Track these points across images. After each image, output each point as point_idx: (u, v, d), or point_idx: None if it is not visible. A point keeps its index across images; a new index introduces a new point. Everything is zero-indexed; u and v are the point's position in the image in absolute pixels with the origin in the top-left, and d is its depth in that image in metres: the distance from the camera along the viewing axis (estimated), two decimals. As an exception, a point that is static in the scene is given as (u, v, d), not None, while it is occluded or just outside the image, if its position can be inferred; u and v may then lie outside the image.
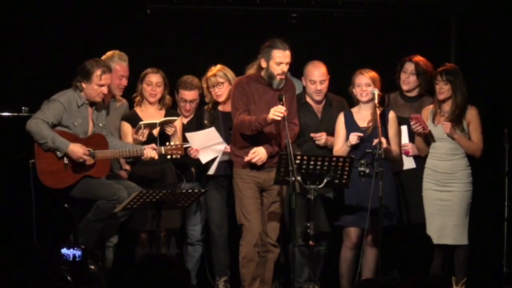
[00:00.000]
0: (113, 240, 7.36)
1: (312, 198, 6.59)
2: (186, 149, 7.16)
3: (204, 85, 7.48)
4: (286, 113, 6.66)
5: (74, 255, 6.69)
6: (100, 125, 7.03)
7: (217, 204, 7.50)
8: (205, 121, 7.48)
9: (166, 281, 3.69)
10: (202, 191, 6.86)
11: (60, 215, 7.10)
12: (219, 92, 7.42)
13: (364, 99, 7.13)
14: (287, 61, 6.93)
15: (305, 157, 6.62)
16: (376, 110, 6.93)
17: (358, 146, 7.06)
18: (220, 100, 7.45)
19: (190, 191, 6.72)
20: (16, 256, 3.97)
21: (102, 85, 6.91)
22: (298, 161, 6.56)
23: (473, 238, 7.14)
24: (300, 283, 7.43)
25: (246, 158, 6.92)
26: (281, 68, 6.91)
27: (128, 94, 7.51)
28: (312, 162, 6.60)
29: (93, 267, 6.92)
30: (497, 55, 8.22)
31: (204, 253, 7.67)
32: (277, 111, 6.65)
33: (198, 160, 7.36)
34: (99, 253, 7.12)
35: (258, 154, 6.93)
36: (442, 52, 8.19)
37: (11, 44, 8.02)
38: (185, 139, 7.34)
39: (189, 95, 7.53)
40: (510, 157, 7.43)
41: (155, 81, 7.38)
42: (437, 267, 7.10)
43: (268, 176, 6.95)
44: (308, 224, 6.58)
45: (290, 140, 6.57)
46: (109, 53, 7.37)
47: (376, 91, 7.02)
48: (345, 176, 6.68)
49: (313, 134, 7.32)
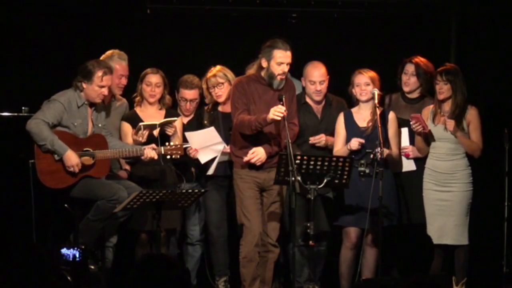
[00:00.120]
0: (113, 240, 7.36)
1: (312, 198, 6.59)
2: (185, 149, 7.16)
3: (204, 86, 7.48)
4: (286, 113, 6.66)
5: (74, 255, 6.69)
6: (100, 125, 7.03)
7: (216, 204, 7.50)
8: (205, 122, 7.49)
9: (166, 281, 3.69)
10: (202, 191, 6.86)
11: (60, 215, 7.10)
12: (219, 92, 7.42)
13: (363, 99, 7.13)
14: (288, 61, 6.93)
15: (305, 157, 6.62)
16: (376, 110, 6.93)
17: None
18: (220, 100, 7.45)
19: (190, 191, 6.72)
20: (16, 256, 3.97)
21: (102, 86, 6.90)
22: (298, 161, 6.56)
23: (473, 238, 7.14)
24: (300, 283, 7.43)
25: (245, 158, 6.92)
26: (282, 68, 6.91)
27: (128, 94, 7.51)
28: (312, 162, 6.60)
29: (93, 267, 6.92)
30: (497, 55, 8.22)
31: (204, 253, 7.67)
32: (277, 111, 6.64)
33: (197, 160, 7.36)
34: (99, 253, 7.12)
35: (257, 154, 6.93)
36: (442, 52, 8.19)
37: (11, 44, 8.02)
38: (185, 139, 7.34)
39: (190, 94, 7.53)
40: (510, 157, 7.43)
41: (155, 81, 7.38)
42: (437, 267, 7.10)
43: (268, 176, 6.95)
44: (308, 224, 6.58)
45: (289, 140, 6.57)
46: (108, 52, 7.37)
47: (376, 91, 7.02)
48: (345, 176, 6.68)
49: (312, 138, 7.31)
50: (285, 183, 6.70)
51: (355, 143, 7.01)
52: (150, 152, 6.93)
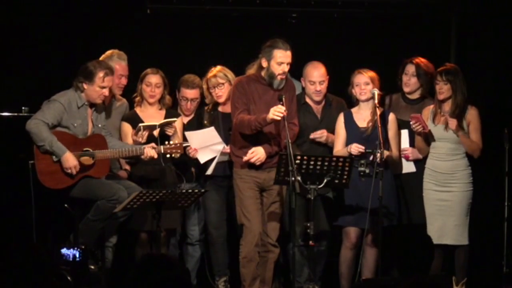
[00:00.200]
0: (113, 240, 7.36)
1: (312, 198, 6.59)
2: (185, 148, 7.16)
3: (205, 86, 7.47)
4: (285, 113, 6.66)
5: (74, 255, 6.69)
6: (100, 125, 7.03)
7: (215, 205, 7.49)
8: (205, 122, 7.48)
9: (166, 281, 3.69)
10: (202, 191, 6.87)
11: (60, 215, 7.10)
12: (220, 93, 7.41)
13: (363, 98, 7.13)
14: (288, 61, 6.93)
15: (305, 157, 6.62)
16: (376, 110, 6.93)
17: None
18: (220, 101, 7.44)
19: (190, 191, 6.72)
20: (16, 256, 3.97)
21: (104, 87, 6.90)
22: (298, 161, 6.55)
23: (473, 238, 7.14)
24: (300, 283, 7.43)
25: (245, 158, 6.92)
26: (282, 68, 6.91)
27: (128, 94, 7.51)
28: (312, 162, 6.60)
29: (93, 267, 6.92)
30: (497, 55, 8.22)
31: (204, 253, 7.67)
32: (277, 111, 6.65)
33: (197, 160, 7.36)
34: (99, 253, 7.12)
35: (257, 154, 6.93)
36: (442, 52, 8.19)
37: (11, 44, 8.01)
38: (185, 138, 7.34)
39: (191, 94, 7.53)
40: (510, 157, 7.43)
41: (155, 82, 7.38)
42: (437, 267, 7.09)
43: (268, 176, 6.95)
44: (308, 224, 6.58)
45: (289, 140, 6.57)
46: (108, 52, 7.37)
47: (376, 91, 7.02)
48: (345, 176, 6.67)
49: (313, 134, 7.31)
50: (285, 183, 6.70)
51: (355, 149, 6.99)
52: (149, 151, 6.93)
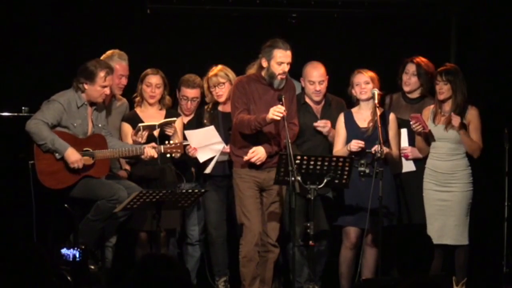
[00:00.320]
0: (113, 240, 7.36)
1: (312, 198, 6.59)
2: (185, 147, 7.15)
3: (205, 85, 7.47)
4: (285, 113, 6.66)
5: (74, 255, 6.68)
6: (100, 125, 7.03)
7: (215, 205, 7.49)
8: (205, 121, 7.48)
9: (166, 281, 3.69)
10: (202, 191, 6.86)
11: (60, 215, 7.10)
12: (220, 92, 7.41)
13: (364, 97, 7.12)
14: (288, 61, 6.93)
15: (305, 157, 6.62)
16: (376, 110, 6.93)
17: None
18: (220, 100, 7.44)
19: (190, 191, 6.72)
20: (16, 256, 3.97)
21: (105, 86, 6.91)
22: (298, 161, 6.55)
23: (473, 238, 7.14)
24: (300, 283, 7.43)
25: (245, 158, 6.92)
26: (282, 68, 6.91)
27: (128, 94, 7.51)
28: (312, 162, 6.60)
29: (93, 267, 6.92)
30: (497, 55, 8.22)
31: (204, 253, 7.67)
32: (277, 111, 6.64)
33: (197, 159, 7.35)
34: (99, 253, 7.12)
35: (257, 153, 6.93)
36: (442, 52, 8.19)
37: (11, 44, 8.01)
38: (184, 137, 7.33)
39: (191, 93, 7.53)
40: (510, 157, 7.43)
41: (155, 82, 7.38)
42: (437, 267, 7.09)
43: (268, 176, 6.95)
44: (308, 224, 6.58)
45: (289, 140, 6.57)
46: (108, 52, 7.37)
47: (376, 91, 7.02)
48: (345, 176, 6.67)
49: (317, 123, 7.31)
50: (285, 183, 6.70)
51: (355, 145, 6.99)
52: (150, 150, 6.93)
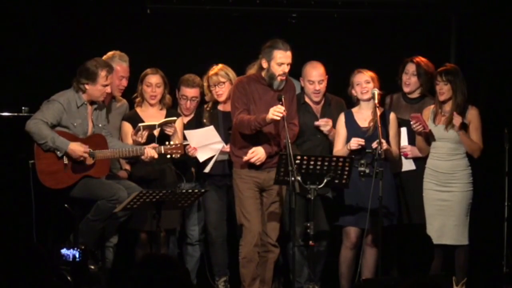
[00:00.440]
0: (113, 240, 7.36)
1: (312, 198, 6.59)
2: (185, 147, 7.16)
3: (205, 84, 7.47)
4: (285, 113, 6.66)
5: (74, 255, 6.69)
6: (100, 125, 7.03)
7: (215, 205, 7.49)
8: (204, 120, 7.48)
9: (166, 281, 3.68)
10: (202, 191, 6.86)
11: (60, 215, 7.10)
12: (220, 91, 7.41)
13: (365, 97, 7.12)
14: (288, 61, 6.92)
15: (305, 157, 6.62)
16: (377, 110, 6.93)
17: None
18: (220, 99, 7.44)
19: (190, 191, 6.72)
20: (16, 256, 3.96)
21: (106, 85, 6.92)
22: (298, 161, 6.55)
23: (473, 238, 7.14)
24: (300, 283, 7.43)
25: (245, 158, 6.92)
26: (282, 68, 6.91)
27: (128, 95, 7.51)
28: (312, 162, 6.60)
29: (93, 267, 6.91)
30: (497, 55, 8.22)
31: (204, 253, 7.67)
32: (276, 111, 6.64)
33: (197, 159, 7.35)
34: (99, 253, 7.12)
35: (257, 154, 6.93)
36: (442, 52, 8.19)
37: (11, 44, 8.02)
38: (184, 137, 7.33)
39: (191, 92, 7.53)
40: (510, 157, 7.43)
41: (155, 82, 7.38)
42: (437, 267, 7.09)
43: (268, 176, 6.94)
44: (308, 224, 6.58)
45: (289, 140, 6.57)
46: (109, 53, 7.37)
47: (376, 91, 7.02)
48: (345, 176, 6.67)
49: (318, 121, 7.31)
50: (285, 183, 6.70)
51: (354, 143, 7.00)
52: (150, 151, 6.93)
